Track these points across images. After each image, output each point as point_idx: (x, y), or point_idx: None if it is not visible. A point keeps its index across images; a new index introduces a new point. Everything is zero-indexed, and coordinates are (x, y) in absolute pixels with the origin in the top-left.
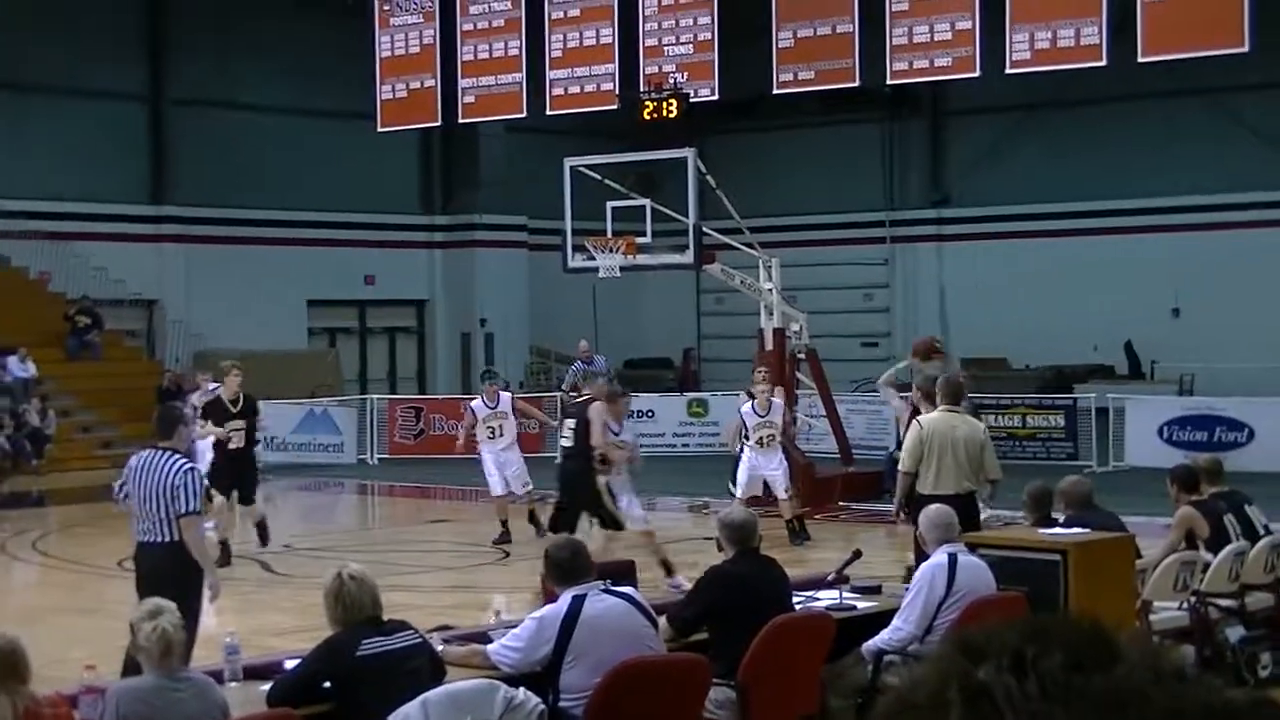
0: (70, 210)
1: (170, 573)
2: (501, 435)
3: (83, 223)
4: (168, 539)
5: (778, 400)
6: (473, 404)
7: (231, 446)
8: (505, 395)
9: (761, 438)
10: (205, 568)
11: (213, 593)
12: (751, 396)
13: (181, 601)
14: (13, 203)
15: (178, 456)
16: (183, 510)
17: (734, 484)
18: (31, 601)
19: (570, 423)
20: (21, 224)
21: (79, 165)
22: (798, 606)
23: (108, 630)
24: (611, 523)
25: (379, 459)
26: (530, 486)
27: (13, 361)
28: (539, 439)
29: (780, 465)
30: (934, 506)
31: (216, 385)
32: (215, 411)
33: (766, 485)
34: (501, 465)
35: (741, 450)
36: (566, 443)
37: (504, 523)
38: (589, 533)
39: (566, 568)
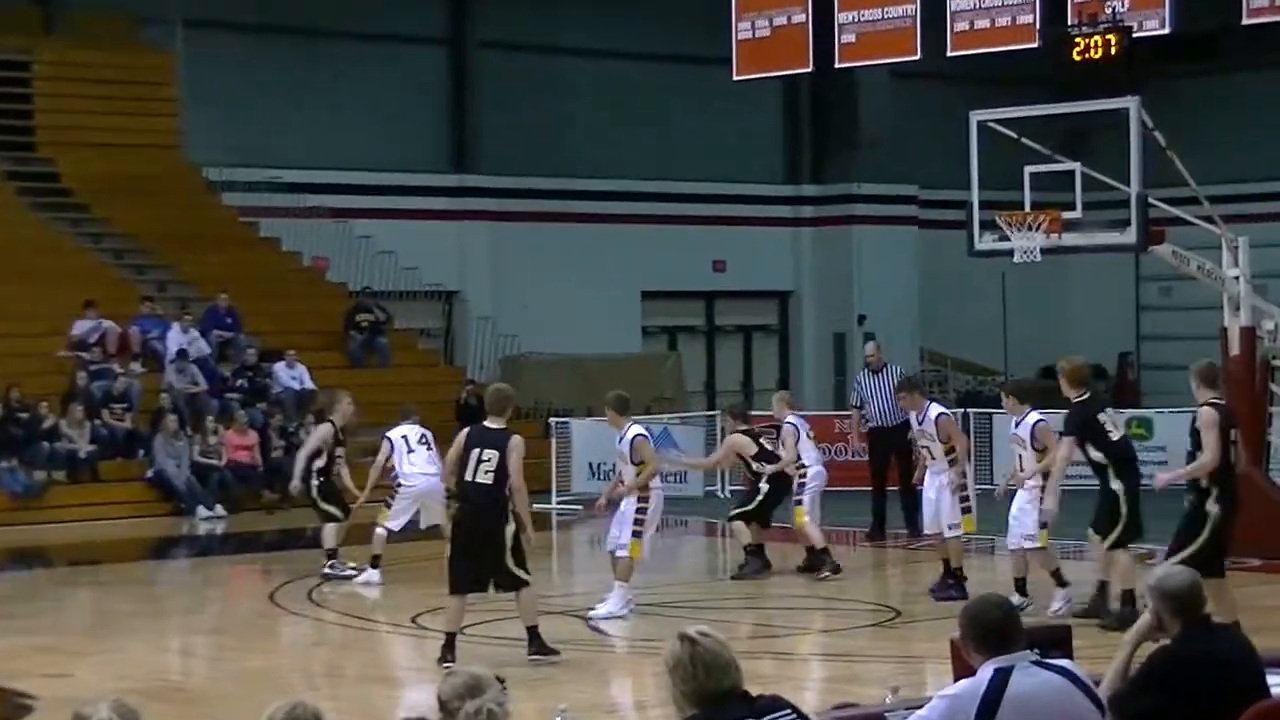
0: (352, 182)
1: None
2: None
3: (367, 197)
4: None
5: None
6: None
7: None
8: None
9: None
10: None
11: None
12: None
13: None
14: (284, 172)
15: None
16: None
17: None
18: (308, 665)
19: None
20: (294, 199)
21: (363, 126)
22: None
23: (395, 702)
24: None
25: (731, 490)
26: None
27: (280, 368)
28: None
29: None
30: None
31: None
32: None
33: None
34: None
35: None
36: None
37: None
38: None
39: (994, 632)
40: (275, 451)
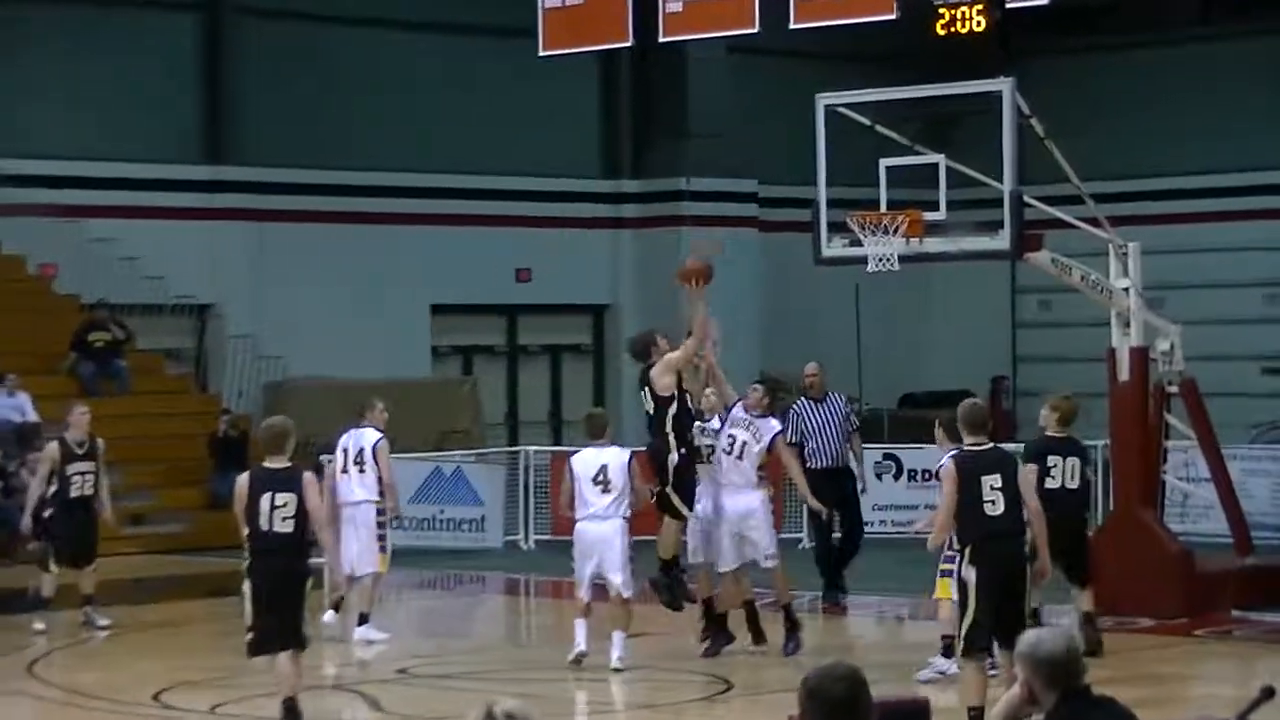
0: (85, 174)
1: None
2: None
3: (103, 192)
4: None
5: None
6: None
7: (75, 494)
8: None
9: None
10: None
11: None
12: None
13: None
14: (3, 163)
15: None
16: None
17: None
18: None
19: None
20: (15, 193)
21: (99, 109)
22: None
23: None
24: None
25: (536, 541)
26: None
27: None
28: None
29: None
30: None
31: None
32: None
33: None
34: None
35: None
36: None
37: None
38: None
39: (838, 708)
40: None
